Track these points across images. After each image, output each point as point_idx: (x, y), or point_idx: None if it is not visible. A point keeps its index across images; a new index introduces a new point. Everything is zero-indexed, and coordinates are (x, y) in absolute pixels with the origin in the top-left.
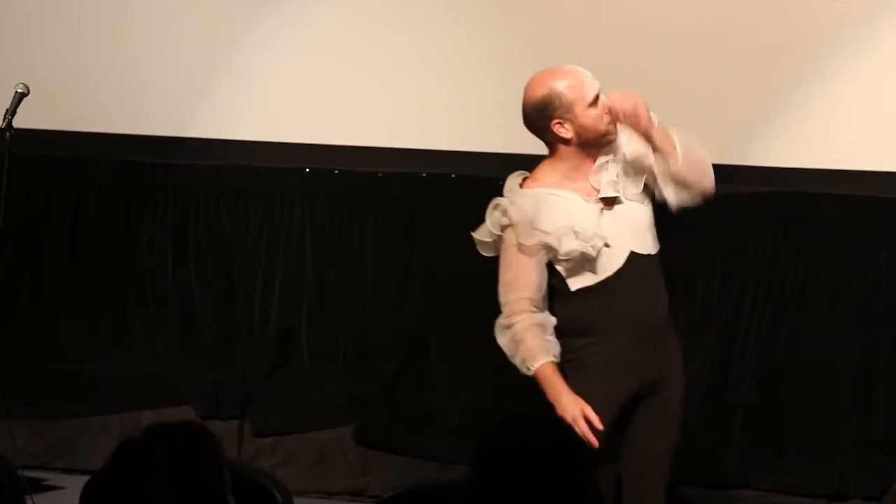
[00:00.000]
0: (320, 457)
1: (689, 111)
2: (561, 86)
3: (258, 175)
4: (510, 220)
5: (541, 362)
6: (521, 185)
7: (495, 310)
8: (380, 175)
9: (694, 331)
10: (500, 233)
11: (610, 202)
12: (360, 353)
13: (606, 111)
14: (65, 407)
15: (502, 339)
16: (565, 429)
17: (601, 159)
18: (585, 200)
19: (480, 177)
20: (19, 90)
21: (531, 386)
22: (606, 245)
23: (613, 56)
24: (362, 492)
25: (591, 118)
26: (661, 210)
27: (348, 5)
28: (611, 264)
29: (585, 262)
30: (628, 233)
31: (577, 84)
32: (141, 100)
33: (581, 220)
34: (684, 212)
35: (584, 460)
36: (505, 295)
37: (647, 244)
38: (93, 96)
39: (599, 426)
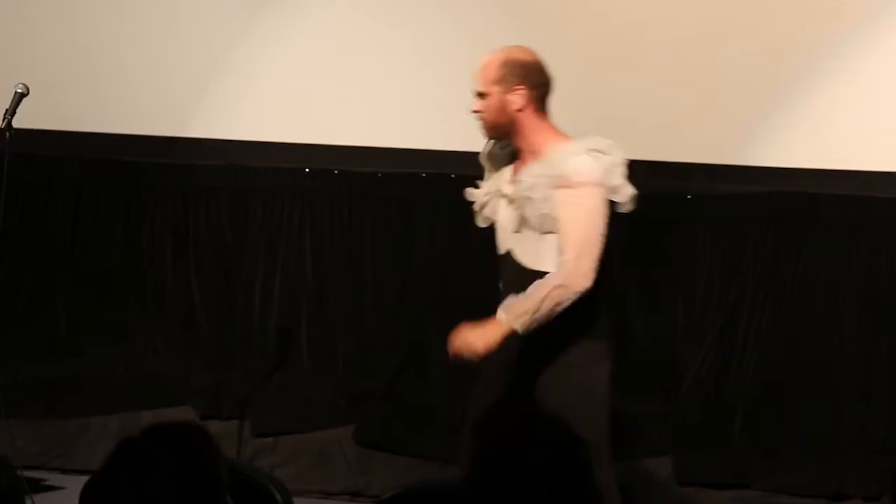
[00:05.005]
0: (320, 457)
1: (689, 111)
2: None
3: (258, 175)
4: None
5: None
6: None
7: (495, 309)
8: (380, 175)
9: (694, 331)
10: None
11: (510, 199)
12: (360, 353)
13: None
14: (65, 407)
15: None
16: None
17: (533, 167)
18: (506, 181)
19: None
20: (19, 90)
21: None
22: (493, 226)
23: (614, 57)
24: (362, 492)
25: None
26: (661, 209)
27: (348, 5)
28: (499, 247)
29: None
30: (508, 233)
31: None
32: (141, 100)
33: (497, 189)
34: (684, 212)
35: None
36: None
37: (519, 253)
38: (93, 96)
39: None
